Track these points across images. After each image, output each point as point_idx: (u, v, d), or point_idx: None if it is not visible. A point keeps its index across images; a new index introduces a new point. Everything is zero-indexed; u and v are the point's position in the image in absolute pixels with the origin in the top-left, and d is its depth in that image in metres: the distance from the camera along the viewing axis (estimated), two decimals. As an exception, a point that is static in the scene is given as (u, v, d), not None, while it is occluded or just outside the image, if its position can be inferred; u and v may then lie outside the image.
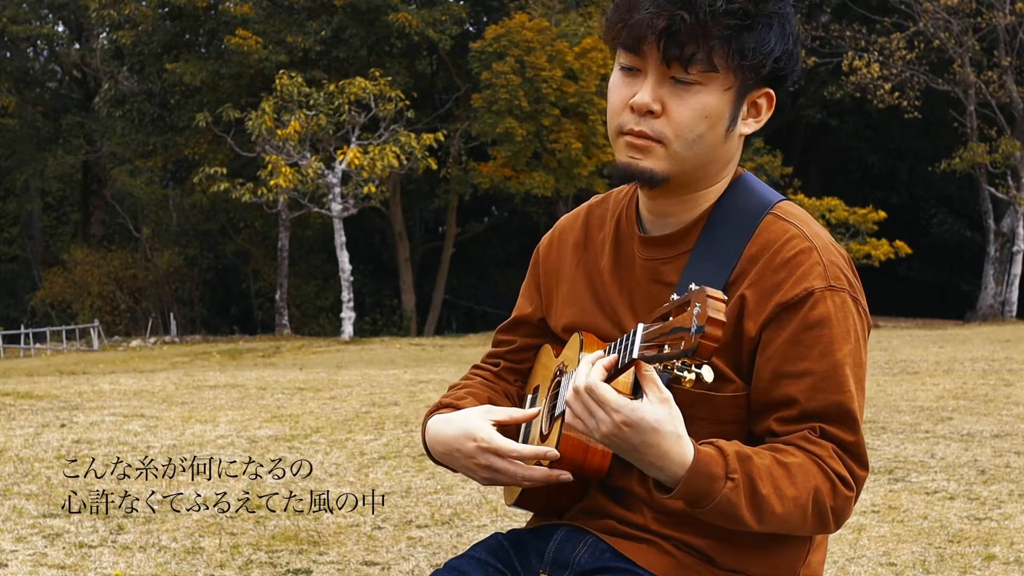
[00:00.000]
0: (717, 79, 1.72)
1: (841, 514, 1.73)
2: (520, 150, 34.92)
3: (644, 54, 1.73)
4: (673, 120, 1.74)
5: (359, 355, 22.80)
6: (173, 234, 46.74)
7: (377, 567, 4.48)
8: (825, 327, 1.73)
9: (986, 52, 35.55)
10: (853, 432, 1.73)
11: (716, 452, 1.66)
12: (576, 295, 1.96)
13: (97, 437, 7.91)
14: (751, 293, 1.76)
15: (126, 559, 4.53)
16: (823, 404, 1.72)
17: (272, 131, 31.17)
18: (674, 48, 1.70)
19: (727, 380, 1.77)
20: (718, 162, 1.81)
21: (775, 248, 1.77)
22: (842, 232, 34.36)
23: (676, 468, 1.64)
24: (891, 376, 12.30)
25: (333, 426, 8.57)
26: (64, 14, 48.61)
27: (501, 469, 1.83)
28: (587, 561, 1.84)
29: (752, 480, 1.66)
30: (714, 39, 1.69)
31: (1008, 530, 4.93)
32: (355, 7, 36.56)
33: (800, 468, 1.69)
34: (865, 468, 1.74)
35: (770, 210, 1.82)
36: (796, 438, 1.72)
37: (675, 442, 1.63)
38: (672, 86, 1.73)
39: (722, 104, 1.74)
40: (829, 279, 1.75)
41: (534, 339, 2.08)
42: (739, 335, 1.76)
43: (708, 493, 1.64)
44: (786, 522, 1.69)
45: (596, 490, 1.88)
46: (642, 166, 1.76)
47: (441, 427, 1.92)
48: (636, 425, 1.61)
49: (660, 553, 1.81)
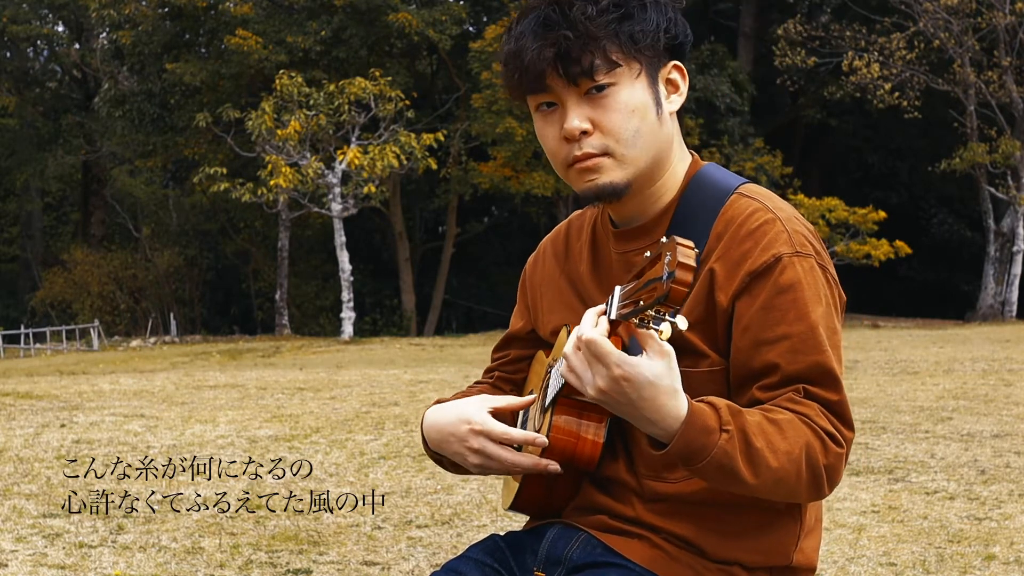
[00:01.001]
0: (624, 73, 1.77)
1: (834, 473, 1.72)
2: (520, 150, 34.91)
3: (549, 87, 1.78)
4: (607, 129, 1.78)
5: (359, 355, 22.80)
6: (173, 234, 46.72)
7: (377, 567, 4.48)
8: (796, 291, 1.76)
9: (986, 52, 35.54)
10: (837, 391, 1.74)
11: (708, 406, 1.67)
12: (560, 300, 2.00)
13: (97, 437, 7.91)
14: (719, 266, 1.79)
15: (126, 559, 4.53)
16: (804, 366, 1.73)
17: (272, 131, 31.17)
18: (573, 66, 1.75)
19: (702, 355, 1.79)
20: (663, 147, 1.84)
21: (739, 221, 1.81)
22: (842, 232, 34.35)
23: (671, 422, 1.64)
24: (891, 376, 12.30)
25: (333, 426, 8.57)
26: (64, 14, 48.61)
27: (492, 453, 1.85)
28: (579, 557, 1.86)
29: (745, 433, 1.66)
30: (602, 40, 1.74)
31: (1008, 530, 4.93)
32: (355, 7, 36.55)
33: (790, 424, 1.69)
34: (851, 429, 1.75)
35: (734, 190, 1.86)
36: (781, 400, 1.73)
37: (671, 396, 1.63)
38: (591, 100, 1.78)
39: (642, 92, 1.78)
40: (795, 245, 1.78)
41: (526, 350, 2.12)
42: (712, 308, 1.79)
43: (704, 446, 1.64)
44: (781, 478, 1.68)
45: (587, 483, 1.90)
46: (601, 183, 1.80)
47: (438, 414, 1.95)
48: (634, 380, 1.61)
49: (650, 547, 1.83)
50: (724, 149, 36.20)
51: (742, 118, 37.67)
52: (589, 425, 1.81)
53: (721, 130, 36.75)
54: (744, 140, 37.53)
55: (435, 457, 2.00)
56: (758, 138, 38.10)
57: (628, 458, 1.86)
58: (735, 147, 36.77)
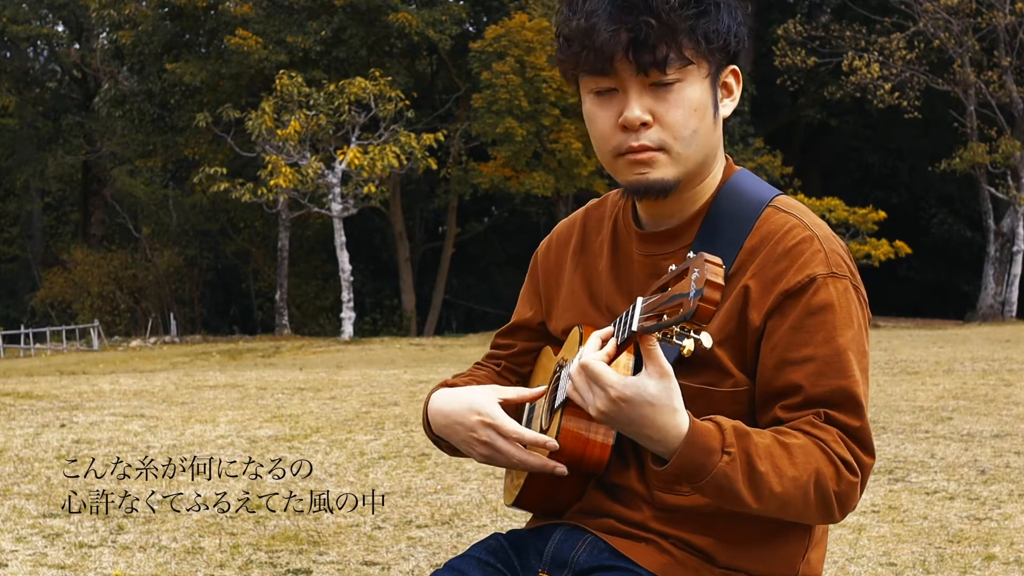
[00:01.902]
0: (693, 71, 1.74)
1: (846, 500, 1.71)
2: (520, 150, 34.91)
3: (616, 71, 1.73)
4: (667, 124, 1.75)
5: (359, 355, 22.79)
6: (173, 234, 46.73)
7: (377, 567, 4.48)
8: (828, 312, 1.74)
9: (986, 52, 35.54)
10: (858, 417, 1.72)
11: (714, 426, 1.66)
12: (575, 299, 1.97)
13: (97, 437, 7.91)
14: (754, 283, 1.76)
15: (126, 559, 4.53)
16: (827, 389, 1.72)
17: (272, 131, 31.17)
18: (647, 55, 1.70)
19: (727, 374, 1.78)
20: (713, 151, 1.84)
21: (776, 238, 1.78)
22: (842, 232, 34.34)
23: (673, 440, 1.64)
24: (891, 376, 12.30)
25: (333, 426, 8.57)
26: (64, 14, 48.60)
27: (501, 448, 1.84)
28: (585, 560, 1.84)
29: (749, 456, 1.65)
30: (680, 34, 1.71)
31: (1008, 530, 4.93)
32: (355, 7, 36.55)
33: (801, 449, 1.68)
34: (871, 455, 1.73)
35: (769, 203, 1.84)
36: (801, 423, 1.71)
37: (671, 415, 1.63)
38: (654, 92, 1.74)
39: (704, 93, 1.76)
40: (831, 266, 1.76)
41: (534, 343, 2.08)
42: (744, 325, 1.77)
43: (703, 466, 1.63)
44: (787, 503, 1.67)
45: (595, 488, 1.88)
46: (652, 178, 1.77)
47: (446, 399, 1.93)
48: (630, 400, 1.61)
49: (659, 551, 1.81)
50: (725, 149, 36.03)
51: (742, 118, 37.66)
52: (599, 428, 1.81)
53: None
54: (744, 140, 37.52)
55: (434, 438, 1.99)
56: (758, 138, 38.09)
57: (639, 467, 1.84)
58: (735, 147, 36.75)
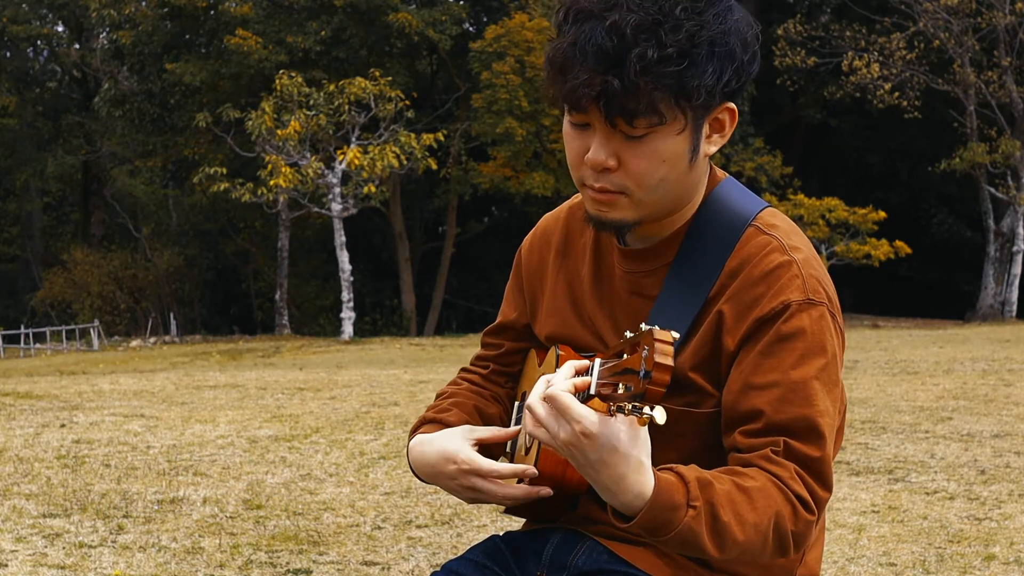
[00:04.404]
0: (666, 126, 1.65)
1: (801, 539, 1.68)
2: (520, 150, 34.94)
3: (587, 111, 1.66)
4: (631, 172, 1.68)
5: (359, 355, 22.80)
6: (173, 234, 46.75)
7: (377, 567, 4.48)
8: (798, 340, 1.70)
9: (986, 52, 35.56)
10: (819, 448, 1.68)
11: (677, 479, 1.61)
12: (557, 304, 1.95)
13: (97, 437, 7.91)
14: (729, 308, 1.73)
15: (126, 559, 4.53)
16: (789, 417, 1.68)
17: (272, 131, 31.18)
18: (614, 108, 1.62)
19: (707, 395, 1.75)
20: (687, 192, 1.77)
21: (754, 262, 1.74)
22: (842, 232, 34.35)
23: (632, 498, 1.58)
24: (891, 376, 12.30)
25: (333, 426, 8.57)
26: (64, 14, 48.62)
27: (483, 489, 1.82)
28: (584, 563, 1.83)
29: (713, 507, 1.61)
30: (653, 92, 1.61)
31: (1008, 530, 4.93)
32: (355, 7, 36.57)
33: (761, 492, 1.64)
34: (828, 489, 1.69)
35: (751, 222, 1.79)
36: (758, 457, 1.68)
37: (635, 468, 1.56)
38: (623, 138, 1.67)
39: (679, 144, 1.68)
40: (808, 292, 1.72)
41: (521, 343, 2.08)
42: (717, 350, 1.74)
43: (669, 522, 1.59)
44: (746, 549, 1.65)
45: (588, 500, 1.86)
46: (610, 217, 1.74)
47: (423, 449, 1.91)
48: (594, 438, 1.55)
49: (657, 555, 1.81)
50: (724, 149, 36.12)
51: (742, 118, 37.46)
52: None
53: (721, 130, 36.73)
54: (744, 140, 37.53)
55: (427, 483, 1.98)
56: (758, 138, 38.10)
57: None
58: (735, 147, 36.77)
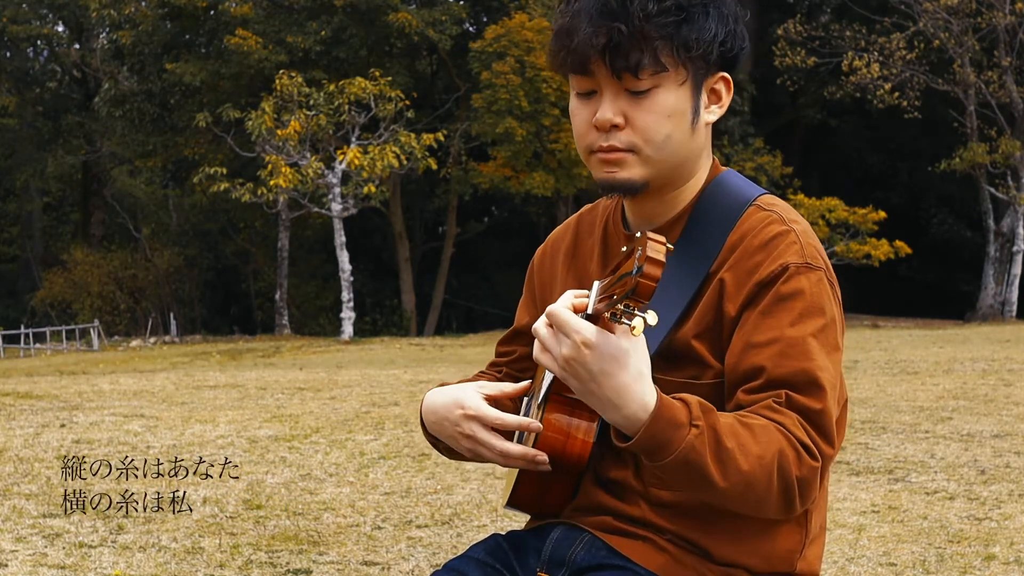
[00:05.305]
0: (669, 77, 1.76)
1: (807, 487, 1.68)
2: (520, 150, 34.93)
3: (594, 73, 1.77)
4: (638, 128, 1.77)
5: (359, 355, 22.80)
6: (173, 234, 46.75)
7: (377, 567, 4.48)
8: (797, 299, 1.74)
9: (986, 52, 35.55)
10: (819, 400, 1.70)
11: (679, 401, 1.64)
12: None
13: (97, 437, 7.91)
14: (730, 276, 1.78)
15: (126, 559, 4.53)
16: (789, 371, 1.70)
17: (272, 131, 31.18)
18: (620, 60, 1.73)
19: (707, 366, 1.78)
20: (692, 156, 1.84)
21: (754, 233, 1.80)
22: (842, 232, 34.35)
23: (636, 408, 1.60)
24: (891, 376, 12.30)
25: (333, 426, 8.57)
26: (64, 14, 48.60)
27: (482, 440, 1.84)
28: (583, 558, 1.84)
29: (716, 432, 1.62)
30: (656, 40, 1.73)
31: (1008, 530, 4.93)
32: (355, 7, 36.56)
33: (763, 429, 1.66)
34: (831, 445, 1.70)
35: (752, 202, 1.86)
36: (760, 407, 1.69)
37: (636, 379, 1.60)
38: (629, 96, 1.76)
39: (681, 100, 1.78)
40: (806, 257, 1.77)
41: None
42: (719, 318, 1.78)
43: (670, 441, 1.60)
44: (751, 483, 1.64)
45: (591, 484, 1.88)
46: (620, 177, 1.80)
47: (435, 396, 1.95)
48: (594, 347, 1.58)
49: (656, 549, 1.81)
50: (724, 149, 36.19)
51: (742, 118, 37.67)
52: (580, 424, 1.81)
53: (721, 130, 36.72)
54: (744, 140, 37.54)
55: (432, 440, 1.99)
56: (758, 138, 38.10)
57: (636, 463, 1.84)
58: (735, 147, 36.78)
